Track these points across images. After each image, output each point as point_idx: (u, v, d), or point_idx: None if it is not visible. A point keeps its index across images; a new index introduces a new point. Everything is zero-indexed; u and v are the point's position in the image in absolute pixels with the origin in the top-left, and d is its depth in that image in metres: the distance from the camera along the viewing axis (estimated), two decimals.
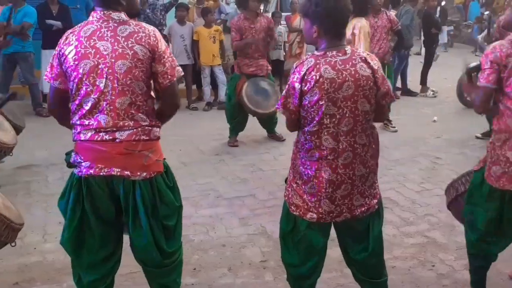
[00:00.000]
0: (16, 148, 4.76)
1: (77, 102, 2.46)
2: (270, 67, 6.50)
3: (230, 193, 4.91)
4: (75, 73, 2.42)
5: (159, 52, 2.45)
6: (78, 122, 2.48)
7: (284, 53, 9.25)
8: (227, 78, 8.82)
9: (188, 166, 5.69)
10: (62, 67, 2.47)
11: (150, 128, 2.51)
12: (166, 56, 2.49)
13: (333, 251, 3.10)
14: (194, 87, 8.89)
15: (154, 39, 2.45)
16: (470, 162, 5.49)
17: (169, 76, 2.50)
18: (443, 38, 13.57)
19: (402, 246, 3.84)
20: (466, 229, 3.08)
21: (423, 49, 10.49)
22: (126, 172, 2.47)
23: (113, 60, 2.39)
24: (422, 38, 10.34)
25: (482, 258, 3.04)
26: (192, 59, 8.37)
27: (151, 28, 2.50)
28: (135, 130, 2.46)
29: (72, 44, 2.43)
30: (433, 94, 9.26)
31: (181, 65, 8.25)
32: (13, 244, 2.97)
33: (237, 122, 6.49)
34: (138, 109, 2.47)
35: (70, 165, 2.56)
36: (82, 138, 2.47)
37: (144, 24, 2.51)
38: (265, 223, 4.21)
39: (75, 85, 2.44)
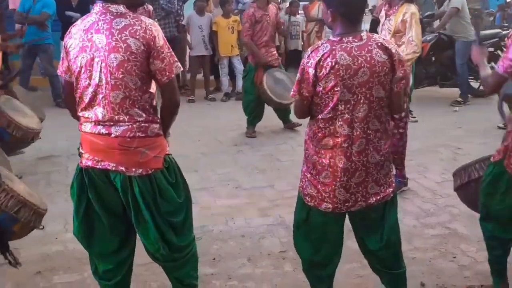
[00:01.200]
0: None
1: (78, 95, 2.49)
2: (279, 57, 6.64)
3: (249, 183, 4.91)
4: (75, 66, 2.44)
5: (156, 48, 2.39)
6: (80, 114, 2.51)
7: (302, 43, 9.19)
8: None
9: (206, 157, 5.70)
10: (67, 60, 2.49)
11: (146, 124, 2.46)
12: (164, 52, 2.42)
13: (353, 242, 3.07)
14: (211, 77, 8.89)
15: (150, 33, 2.38)
16: (491, 152, 5.38)
17: (167, 73, 2.43)
18: None
19: (423, 237, 3.81)
20: (482, 219, 3.01)
21: None
22: (120, 168, 2.46)
23: (106, 54, 2.36)
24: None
25: (499, 245, 2.97)
26: (210, 49, 8.36)
27: (149, 21, 2.43)
28: (130, 126, 2.42)
29: (73, 38, 2.45)
30: None
31: (199, 56, 8.36)
32: (41, 227, 3.02)
33: (255, 114, 6.50)
34: (134, 104, 2.42)
35: (80, 154, 2.60)
36: (83, 130, 2.51)
37: (143, 17, 2.45)
38: (284, 214, 4.20)
39: (75, 78, 2.46)
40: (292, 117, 6.54)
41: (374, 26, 6.85)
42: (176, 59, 2.49)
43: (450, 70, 8.10)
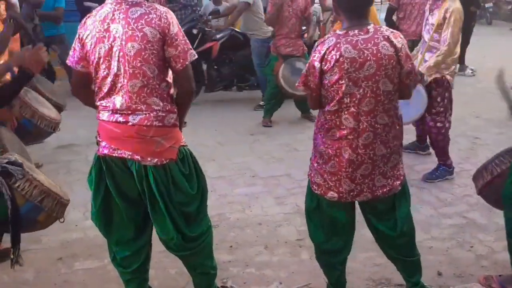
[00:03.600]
0: None
1: (97, 85, 2.52)
2: (305, 48, 6.49)
3: (266, 172, 4.94)
4: (93, 57, 2.47)
5: (170, 35, 2.41)
6: (98, 103, 2.54)
7: (319, 33, 9.14)
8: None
9: (223, 146, 5.74)
10: (83, 51, 2.51)
11: (163, 114, 2.49)
12: (178, 39, 2.44)
13: (369, 231, 3.10)
14: None
15: (166, 21, 2.41)
16: (510, 143, 5.36)
17: (181, 60, 2.45)
18: None
19: (440, 226, 3.81)
20: (508, 210, 2.95)
21: None
22: (136, 156, 2.49)
23: (123, 43, 2.39)
24: None
25: None
26: None
27: (163, 9, 2.45)
28: (147, 115, 2.45)
29: (88, 29, 2.47)
30: (471, 72, 9.03)
31: None
32: (61, 220, 3.06)
33: (274, 103, 6.52)
34: (151, 93, 2.45)
35: (97, 143, 2.64)
36: (101, 118, 2.54)
37: (157, 5, 2.47)
38: (300, 202, 4.18)
39: (93, 68, 2.49)
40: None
41: (390, 14, 6.78)
42: (190, 47, 2.50)
43: (248, 71, 7.38)
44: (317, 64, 2.47)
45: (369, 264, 3.33)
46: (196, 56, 2.57)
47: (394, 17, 6.78)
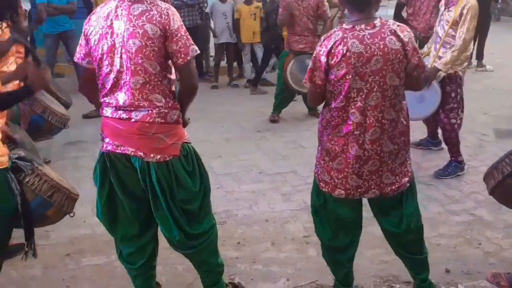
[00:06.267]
0: None
1: (100, 81, 2.52)
2: None
3: (272, 169, 4.94)
4: (96, 53, 2.47)
5: (171, 31, 2.40)
6: (102, 100, 2.55)
7: None
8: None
9: (230, 143, 5.74)
10: (87, 47, 2.52)
11: (166, 110, 2.49)
12: (179, 35, 2.43)
13: (377, 228, 3.09)
14: (234, 64, 8.90)
15: (166, 17, 2.40)
16: None
17: (183, 55, 2.44)
18: None
19: (448, 224, 3.79)
20: None
21: None
22: (139, 153, 2.49)
23: (125, 39, 2.39)
24: None
25: None
26: (234, 37, 8.34)
27: (164, 6, 2.45)
28: (150, 111, 2.45)
29: (92, 25, 2.48)
30: (490, 68, 8.93)
31: (223, 43, 8.21)
32: (71, 214, 3.08)
33: (282, 98, 6.52)
34: (154, 89, 2.45)
35: (102, 139, 2.65)
36: (104, 115, 2.55)
37: (159, 2, 2.47)
38: (307, 199, 4.14)
39: (97, 65, 2.50)
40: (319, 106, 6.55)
41: (399, 9, 6.75)
42: (192, 42, 2.49)
43: None
44: (323, 59, 2.47)
45: (376, 261, 3.33)
46: (198, 52, 2.55)
47: (404, 14, 6.75)
